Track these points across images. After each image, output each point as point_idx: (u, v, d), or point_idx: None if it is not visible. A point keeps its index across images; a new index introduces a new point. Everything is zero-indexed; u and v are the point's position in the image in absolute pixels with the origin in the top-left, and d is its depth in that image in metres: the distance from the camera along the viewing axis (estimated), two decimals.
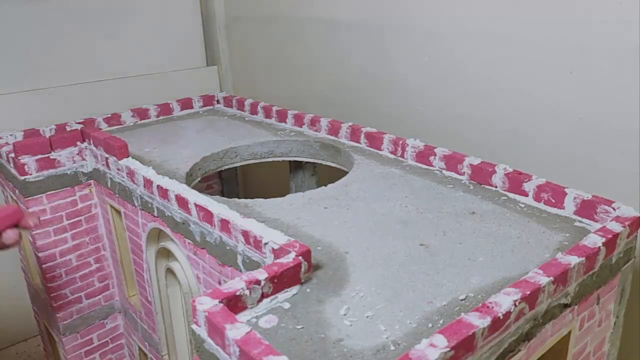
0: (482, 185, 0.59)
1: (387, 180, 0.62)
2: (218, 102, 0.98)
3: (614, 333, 0.52)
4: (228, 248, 0.51)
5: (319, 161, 0.77)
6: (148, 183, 0.61)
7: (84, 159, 0.75)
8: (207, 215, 0.52)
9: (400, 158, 0.68)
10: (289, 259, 0.41)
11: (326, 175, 0.81)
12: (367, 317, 0.39)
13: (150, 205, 0.63)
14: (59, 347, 0.84)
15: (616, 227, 0.45)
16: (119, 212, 0.73)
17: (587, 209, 0.50)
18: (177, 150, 0.75)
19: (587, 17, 0.61)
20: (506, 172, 0.57)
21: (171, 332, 0.71)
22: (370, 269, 0.45)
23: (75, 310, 0.79)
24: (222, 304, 0.37)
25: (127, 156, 0.67)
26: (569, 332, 0.45)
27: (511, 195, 0.56)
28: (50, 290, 0.77)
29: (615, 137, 0.62)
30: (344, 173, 0.67)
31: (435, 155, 0.64)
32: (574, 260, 0.41)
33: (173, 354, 0.72)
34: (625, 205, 0.48)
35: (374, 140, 0.71)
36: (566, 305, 0.42)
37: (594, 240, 0.43)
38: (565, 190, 0.52)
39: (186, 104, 0.96)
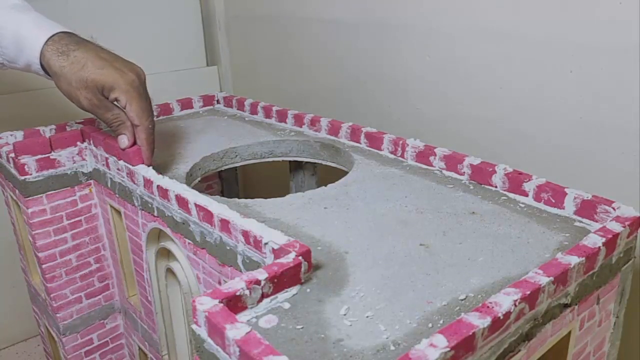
0: (482, 185, 0.59)
1: (387, 180, 0.62)
2: (218, 102, 0.98)
3: (614, 333, 0.52)
4: (228, 248, 0.51)
5: (319, 161, 0.77)
6: (148, 183, 0.61)
7: (84, 159, 0.75)
8: (207, 215, 0.52)
9: (400, 158, 0.68)
10: (289, 259, 0.41)
11: (326, 175, 0.81)
12: (367, 317, 0.39)
13: (150, 205, 0.63)
14: (59, 347, 0.84)
15: (616, 227, 0.45)
16: (119, 212, 0.73)
17: (587, 209, 0.50)
18: (177, 150, 0.75)
19: (587, 16, 0.61)
20: (506, 172, 0.57)
21: (171, 332, 0.71)
22: (370, 269, 0.45)
23: (75, 310, 0.79)
24: (222, 304, 0.37)
25: None
26: (569, 332, 0.45)
27: (511, 195, 0.56)
28: (50, 290, 0.77)
29: (615, 136, 0.62)
30: (344, 173, 0.67)
31: (435, 155, 0.64)
32: (574, 260, 0.41)
33: (173, 354, 0.72)
34: (625, 205, 0.48)
35: (374, 140, 0.71)
36: (566, 305, 0.42)
37: (594, 240, 0.43)
38: (565, 190, 0.52)
39: (186, 104, 0.96)
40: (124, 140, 0.64)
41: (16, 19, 0.64)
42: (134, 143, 0.64)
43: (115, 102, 0.63)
